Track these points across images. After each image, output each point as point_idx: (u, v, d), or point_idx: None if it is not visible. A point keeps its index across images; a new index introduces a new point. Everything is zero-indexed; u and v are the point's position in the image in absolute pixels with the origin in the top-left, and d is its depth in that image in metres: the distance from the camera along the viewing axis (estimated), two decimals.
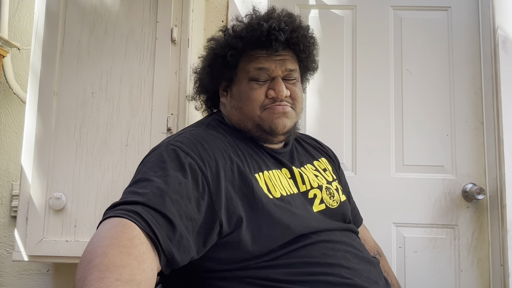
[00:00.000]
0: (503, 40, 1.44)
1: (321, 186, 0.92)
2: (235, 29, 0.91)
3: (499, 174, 1.41)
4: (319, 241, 0.81)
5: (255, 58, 0.89)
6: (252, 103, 0.88)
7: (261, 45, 0.88)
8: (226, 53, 0.89)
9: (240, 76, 0.90)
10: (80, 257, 0.58)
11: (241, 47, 0.88)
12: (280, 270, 0.76)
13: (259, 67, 0.88)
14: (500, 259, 1.38)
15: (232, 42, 0.89)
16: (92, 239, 0.60)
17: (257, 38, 0.87)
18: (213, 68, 0.93)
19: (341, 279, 0.77)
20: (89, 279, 0.52)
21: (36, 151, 1.19)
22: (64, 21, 1.24)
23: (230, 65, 0.90)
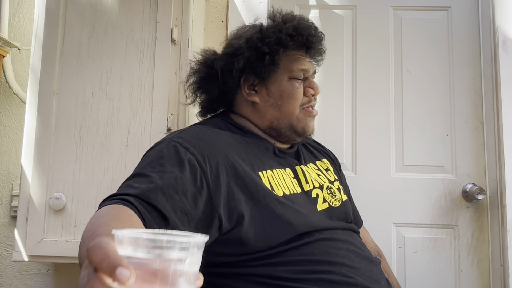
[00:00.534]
0: (503, 40, 1.44)
1: (322, 185, 0.93)
2: (281, 27, 0.92)
3: (499, 174, 1.41)
4: (322, 239, 0.81)
5: (296, 59, 0.93)
6: (295, 101, 0.91)
7: (300, 47, 0.93)
8: (277, 50, 0.90)
9: (279, 74, 0.92)
10: (81, 238, 0.57)
11: (290, 45, 0.91)
12: (282, 267, 0.76)
13: (302, 68, 0.93)
14: (500, 259, 1.38)
15: (283, 41, 0.90)
16: (90, 220, 0.59)
17: (305, 39, 0.92)
18: (252, 62, 0.90)
19: (343, 277, 0.77)
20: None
21: (36, 151, 1.19)
22: (64, 21, 1.24)
23: (276, 62, 0.91)
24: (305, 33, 0.93)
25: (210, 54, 0.99)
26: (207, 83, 0.97)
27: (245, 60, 0.90)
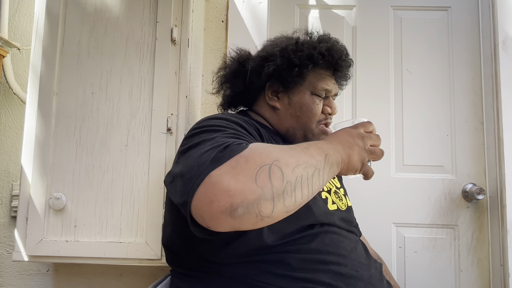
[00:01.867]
0: (503, 40, 1.44)
1: (330, 189, 0.96)
2: (315, 45, 0.97)
3: (499, 174, 1.41)
4: (331, 232, 0.83)
5: (322, 78, 0.97)
6: (313, 116, 0.96)
7: (329, 67, 0.98)
8: (306, 65, 0.94)
9: (303, 87, 0.96)
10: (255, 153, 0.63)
11: (320, 63, 0.96)
12: (294, 255, 0.77)
13: (326, 88, 0.97)
14: (500, 259, 1.38)
15: (314, 58, 0.95)
16: (258, 151, 0.64)
17: (335, 62, 0.97)
18: (281, 70, 0.95)
19: (350, 271, 0.78)
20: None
21: (36, 151, 1.19)
22: (64, 21, 1.24)
23: (303, 76, 0.95)
24: (336, 56, 0.98)
25: (245, 54, 1.05)
26: (235, 78, 1.03)
27: (275, 67, 0.95)
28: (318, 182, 0.68)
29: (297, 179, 0.64)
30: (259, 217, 0.60)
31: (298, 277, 0.75)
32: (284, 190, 0.62)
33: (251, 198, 0.59)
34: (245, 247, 0.76)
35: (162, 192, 1.17)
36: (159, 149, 1.18)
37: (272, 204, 0.60)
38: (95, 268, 1.43)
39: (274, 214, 0.61)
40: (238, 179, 0.59)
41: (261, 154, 0.63)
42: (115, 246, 1.16)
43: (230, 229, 0.61)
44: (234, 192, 0.58)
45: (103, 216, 1.17)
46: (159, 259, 1.16)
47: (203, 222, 0.61)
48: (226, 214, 0.58)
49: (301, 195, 0.65)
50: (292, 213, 0.66)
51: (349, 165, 0.78)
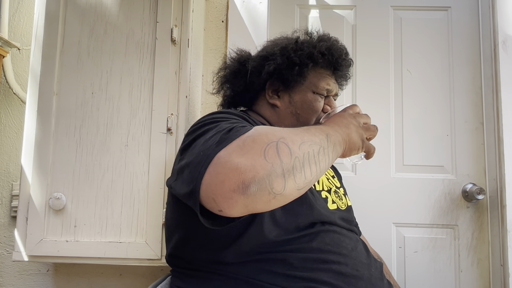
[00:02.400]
0: (503, 40, 1.44)
1: (330, 189, 0.96)
2: (315, 44, 0.98)
3: (499, 174, 1.41)
4: (332, 231, 0.83)
5: (324, 77, 0.98)
6: (313, 113, 0.96)
7: (329, 66, 0.99)
8: (306, 63, 0.95)
9: (305, 86, 0.97)
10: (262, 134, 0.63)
11: (320, 62, 0.97)
12: (295, 254, 0.77)
13: (327, 87, 0.98)
14: (500, 259, 1.38)
15: (314, 56, 0.96)
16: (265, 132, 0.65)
17: (335, 61, 0.98)
18: (282, 69, 0.96)
19: (351, 270, 0.78)
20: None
21: (36, 151, 1.19)
22: (64, 21, 1.24)
23: (304, 75, 0.96)
24: (336, 55, 0.99)
25: (245, 54, 1.05)
26: (235, 78, 1.03)
27: (275, 66, 0.96)
28: (324, 160, 0.68)
29: (304, 155, 0.64)
30: (271, 194, 0.60)
31: (299, 276, 0.75)
32: (293, 166, 0.62)
33: (262, 174, 0.59)
34: (248, 245, 0.76)
35: (162, 192, 1.17)
36: (159, 149, 1.18)
37: (283, 180, 0.61)
38: (95, 268, 1.43)
39: (286, 191, 0.61)
40: (247, 157, 0.60)
41: (266, 133, 0.64)
42: (115, 246, 1.16)
43: (243, 210, 0.61)
44: (245, 169, 0.58)
45: (103, 216, 1.17)
46: (159, 259, 1.16)
47: (215, 206, 0.61)
48: (238, 192, 0.58)
49: (310, 172, 0.65)
50: (303, 191, 0.66)
51: (351, 143, 0.79)
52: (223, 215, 0.62)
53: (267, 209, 0.63)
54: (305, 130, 0.70)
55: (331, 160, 0.72)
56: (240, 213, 0.62)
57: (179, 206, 0.81)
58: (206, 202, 0.62)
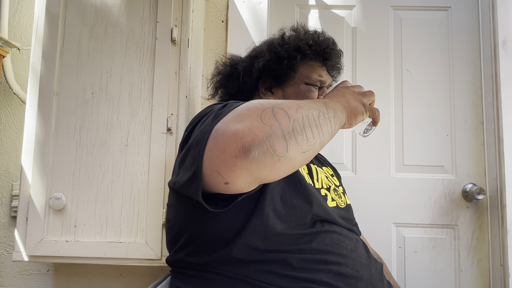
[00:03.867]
0: (503, 40, 1.44)
1: (329, 187, 0.96)
2: (301, 37, 1.00)
3: (499, 174, 1.41)
4: (332, 232, 0.83)
5: (314, 69, 0.99)
6: None
7: (318, 57, 1.00)
8: (294, 56, 0.96)
9: (297, 79, 0.97)
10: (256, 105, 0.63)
11: (308, 54, 0.98)
12: (295, 255, 0.76)
13: (320, 78, 0.98)
14: (500, 259, 1.38)
15: (301, 48, 0.97)
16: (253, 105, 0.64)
17: (322, 50, 0.99)
18: (271, 65, 0.97)
19: (351, 271, 0.78)
20: None
21: (36, 151, 1.19)
22: (64, 21, 1.24)
23: (294, 68, 0.97)
24: (323, 45, 1.00)
25: (236, 58, 1.07)
26: (228, 81, 1.04)
27: (264, 62, 0.97)
28: (326, 124, 0.68)
29: (303, 118, 0.64)
30: (275, 156, 0.59)
31: (299, 277, 0.75)
32: (293, 128, 0.62)
33: (261, 136, 0.58)
34: (251, 240, 0.75)
35: (162, 192, 1.17)
36: (159, 149, 1.18)
37: (284, 142, 0.60)
38: (95, 268, 1.43)
39: (289, 154, 0.61)
40: (244, 123, 0.60)
41: (261, 102, 0.64)
42: (115, 246, 1.16)
43: (249, 178, 0.60)
44: (243, 133, 0.58)
45: (103, 216, 1.17)
46: (159, 259, 1.16)
47: (220, 179, 0.60)
48: (240, 157, 0.58)
49: (312, 134, 0.64)
50: (309, 155, 0.65)
51: (351, 108, 0.79)
52: (229, 190, 0.62)
53: (274, 176, 0.62)
54: (301, 101, 0.70)
55: (334, 126, 0.71)
56: (247, 183, 0.61)
57: (182, 207, 0.80)
58: (211, 179, 0.62)
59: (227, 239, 0.76)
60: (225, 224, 0.75)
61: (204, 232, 0.77)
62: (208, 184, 0.63)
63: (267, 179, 0.64)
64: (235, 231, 0.75)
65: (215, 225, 0.76)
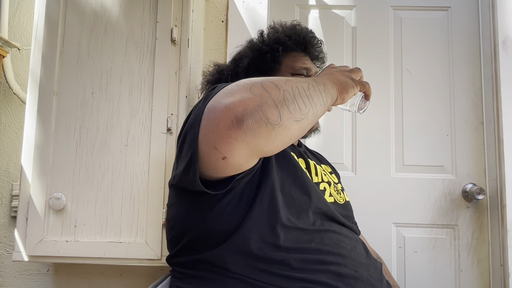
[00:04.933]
0: (503, 40, 1.44)
1: (329, 182, 0.97)
2: (280, 31, 1.04)
3: (499, 174, 1.41)
4: (331, 231, 0.83)
5: (298, 59, 1.00)
6: None
7: (299, 46, 1.02)
8: (276, 48, 0.99)
9: (282, 71, 0.99)
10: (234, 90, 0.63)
11: (289, 44, 1.00)
12: (295, 255, 0.76)
13: (305, 66, 1.00)
14: (500, 259, 1.38)
15: (281, 40, 1.00)
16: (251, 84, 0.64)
17: (302, 38, 1.01)
18: (255, 61, 1.00)
19: (350, 271, 0.78)
20: None
21: (36, 151, 1.19)
22: (64, 21, 1.24)
23: (278, 60, 0.99)
24: (302, 34, 1.02)
25: (222, 64, 1.10)
26: (221, 79, 1.06)
27: (249, 60, 0.99)
28: (317, 96, 0.69)
29: (293, 89, 0.65)
30: (269, 125, 0.60)
31: (298, 277, 0.75)
32: (284, 97, 0.62)
33: (252, 106, 0.59)
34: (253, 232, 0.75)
35: (162, 192, 1.17)
36: (159, 149, 1.18)
37: (276, 110, 0.61)
38: (95, 268, 1.43)
39: (283, 122, 0.61)
40: (234, 96, 0.60)
41: (250, 79, 0.65)
42: (115, 246, 1.16)
43: (246, 149, 0.61)
44: (234, 104, 0.59)
45: (103, 216, 1.17)
46: (159, 259, 1.16)
47: (217, 154, 0.61)
48: (234, 128, 0.58)
49: (304, 104, 0.65)
50: (304, 125, 0.66)
51: (341, 83, 0.80)
52: (228, 166, 0.62)
53: (271, 146, 0.63)
54: (289, 77, 0.72)
55: (326, 99, 0.72)
56: (244, 155, 0.62)
57: (183, 205, 0.80)
58: (208, 157, 0.62)
59: (227, 236, 0.75)
60: (226, 220, 0.75)
61: (204, 230, 0.77)
62: (206, 165, 0.63)
63: (265, 150, 0.64)
64: (235, 224, 0.75)
65: (216, 221, 0.76)
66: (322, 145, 1.52)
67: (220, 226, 0.75)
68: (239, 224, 0.75)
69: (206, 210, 0.75)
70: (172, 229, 0.86)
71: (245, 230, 0.75)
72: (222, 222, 0.75)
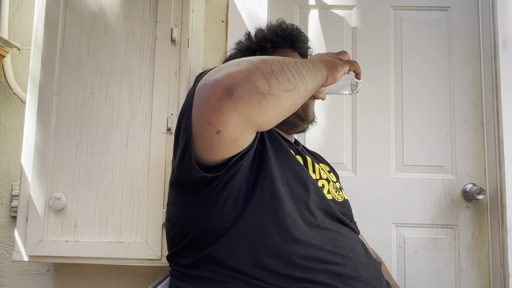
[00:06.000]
0: (503, 40, 1.44)
1: (328, 180, 0.96)
2: (266, 29, 1.06)
3: (499, 174, 1.41)
4: (331, 230, 0.83)
5: (288, 55, 1.02)
6: None
7: (287, 42, 1.03)
8: (264, 45, 1.01)
9: None
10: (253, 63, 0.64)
11: (276, 41, 1.01)
12: (297, 249, 0.76)
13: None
14: (500, 259, 1.38)
15: (269, 37, 1.02)
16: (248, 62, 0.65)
17: (289, 34, 1.01)
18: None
19: (349, 271, 0.78)
20: None
21: (36, 151, 1.19)
22: (64, 21, 1.24)
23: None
24: (288, 30, 1.04)
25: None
26: None
27: None
28: (305, 71, 0.70)
29: (280, 63, 0.66)
30: (259, 94, 0.61)
31: (298, 277, 0.75)
32: (271, 69, 0.63)
33: (241, 77, 0.60)
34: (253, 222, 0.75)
35: (162, 192, 1.17)
36: (159, 149, 1.18)
37: (265, 80, 0.62)
38: (95, 268, 1.43)
39: (273, 91, 0.62)
40: (222, 72, 0.62)
41: (238, 59, 0.66)
42: (115, 246, 1.16)
43: (239, 120, 0.61)
44: (223, 78, 0.60)
45: (103, 216, 1.17)
46: (159, 259, 1.16)
47: (211, 128, 0.61)
48: (225, 99, 0.59)
49: (292, 76, 0.66)
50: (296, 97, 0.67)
51: (330, 63, 0.80)
52: (223, 140, 0.62)
53: (264, 116, 0.63)
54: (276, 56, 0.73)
55: (315, 74, 0.73)
56: (238, 126, 0.62)
57: (183, 203, 0.80)
58: (203, 135, 0.63)
59: (227, 231, 0.75)
60: (226, 215, 0.75)
61: (205, 227, 0.77)
62: (202, 145, 0.64)
63: (258, 121, 0.64)
64: (236, 219, 0.75)
65: (216, 217, 0.75)
66: (322, 145, 1.52)
67: (221, 222, 0.75)
68: (240, 218, 0.75)
69: (206, 206, 0.75)
70: (172, 228, 0.86)
71: (246, 224, 0.75)
72: (223, 217, 0.75)
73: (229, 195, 0.74)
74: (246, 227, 0.75)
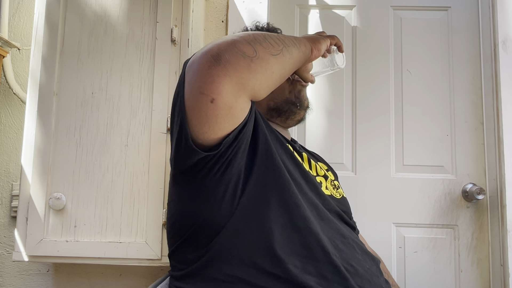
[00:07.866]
0: (503, 40, 1.44)
1: (326, 176, 0.96)
2: (253, 28, 1.08)
3: (499, 174, 1.41)
4: (329, 224, 0.82)
5: None
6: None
7: None
8: None
9: None
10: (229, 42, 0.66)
11: None
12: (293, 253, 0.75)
13: None
14: (500, 259, 1.38)
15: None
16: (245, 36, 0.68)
17: (274, 29, 1.06)
18: None
19: (347, 265, 0.77)
20: None
21: (36, 151, 1.19)
22: (64, 21, 1.24)
23: None
24: (272, 29, 1.06)
25: None
26: None
27: None
28: (288, 40, 0.73)
29: (264, 34, 0.69)
30: (246, 57, 0.63)
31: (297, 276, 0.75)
32: (255, 38, 0.67)
33: (226, 45, 0.63)
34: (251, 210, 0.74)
35: (162, 192, 1.17)
36: (159, 149, 1.18)
37: (250, 46, 0.64)
38: (95, 268, 1.44)
39: (260, 55, 0.65)
40: (207, 46, 0.65)
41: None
42: (115, 246, 1.16)
43: (231, 85, 0.63)
44: (209, 50, 0.63)
45: (103, 216, 1.17)
46: (159, 259, 1.16)
47: (205, 98, 0.63)
48: (214, 65, 0.61)
49: (275, 43, 0.69)
50: (283, 62, 0.70)
51: (312, 39, 0.83)
52: (218, 108, 0.63)
53: (255, 79, 0.65)
54: None
55: (299, 45, 0.75)
56: (231, 91, 0.63)
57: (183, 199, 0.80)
58: (198, 108, 0.64)
59: (226, 223, 0.74)
60: (225, 207, 0.74)
61: (205, 221, 0.77)
62: (198, 120, 0.65)
63: (251, 85, 0.65)
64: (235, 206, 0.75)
65: (215, 211, 0.75)
66: (322, 145, 1.52)
67: (220, 215, 0.74)
68: (239, 206, 0.74)
69: (206, 196, 0.74)
70: (173, 225, 0.86)
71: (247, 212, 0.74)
72: (222, 211, 0.74)
73: (229, 181, 0.73)
74: (247, 215, 0.74)
